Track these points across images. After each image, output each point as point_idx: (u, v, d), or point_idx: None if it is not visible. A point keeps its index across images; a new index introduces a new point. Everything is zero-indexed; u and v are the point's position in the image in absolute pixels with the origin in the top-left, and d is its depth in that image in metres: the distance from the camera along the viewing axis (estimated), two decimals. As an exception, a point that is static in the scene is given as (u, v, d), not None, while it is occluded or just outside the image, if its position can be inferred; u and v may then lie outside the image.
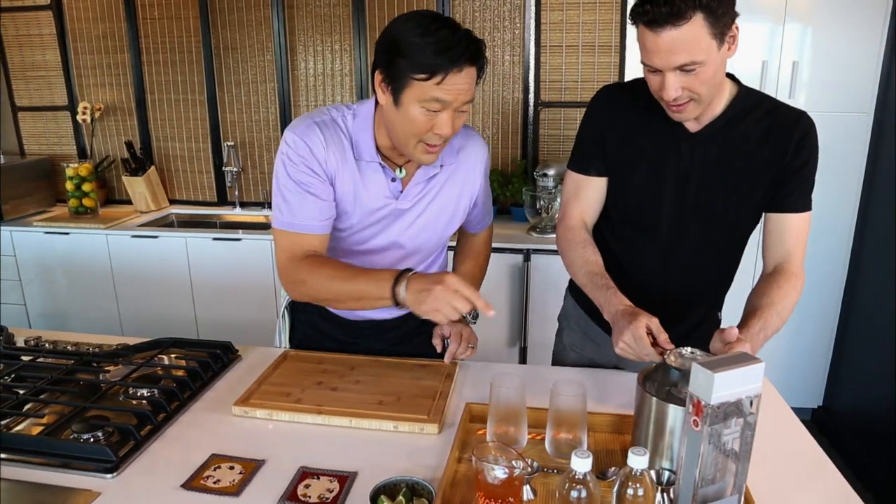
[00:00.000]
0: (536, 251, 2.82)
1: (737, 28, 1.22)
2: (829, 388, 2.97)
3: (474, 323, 1.33)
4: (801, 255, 1.38)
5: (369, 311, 1.54)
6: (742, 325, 1.25)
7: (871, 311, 2.71)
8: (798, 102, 2.65)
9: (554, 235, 2.88)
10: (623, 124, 1.42)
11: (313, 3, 3.23)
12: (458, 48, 1.18)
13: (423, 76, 1.18)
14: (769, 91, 2.65)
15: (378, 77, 1.26)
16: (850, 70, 2.64)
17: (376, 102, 1.34)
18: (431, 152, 1.30)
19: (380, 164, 1.36)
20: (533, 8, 3.06)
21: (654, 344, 1.17)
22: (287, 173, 1.34)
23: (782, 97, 2.65)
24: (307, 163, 1.33)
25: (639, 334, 1.16)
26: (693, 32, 1.15)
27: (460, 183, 1.48)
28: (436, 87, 1.19)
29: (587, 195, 1.48)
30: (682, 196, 1.39)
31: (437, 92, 1.19)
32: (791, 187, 1.34)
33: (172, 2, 3.36)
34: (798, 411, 1.41)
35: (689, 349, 1.13)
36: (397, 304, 1.23)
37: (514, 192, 3.17)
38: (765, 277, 1.38)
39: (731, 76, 1.36)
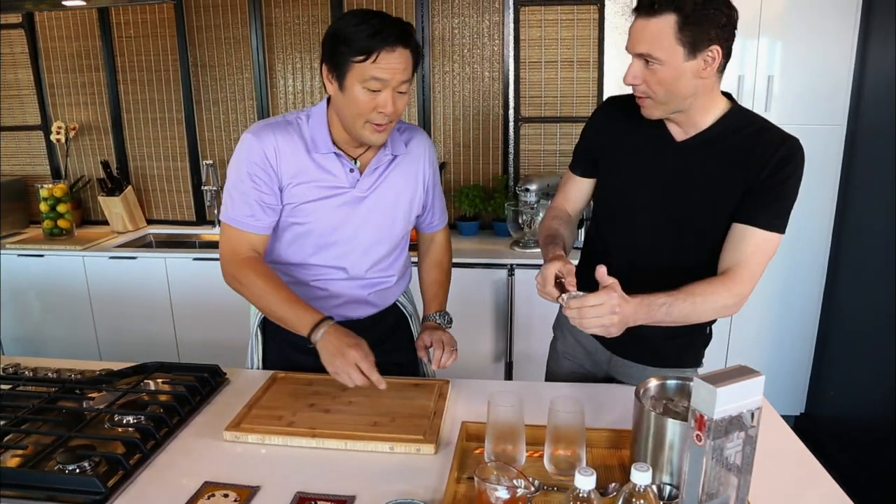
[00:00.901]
0: (520, 266, 2.82)
1: (719, 52, 1.26)
2: (810, 395, 3.01)
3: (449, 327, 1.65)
4: (754, 269, 1.35)
5: (344, 310, 1.61)
6: (654, 293, 1.28)
7: (850, 319, 2.75)
8: (773, 115, 2.71)
9: (537, 250, 2.90)
10: (617, 130, 1.50)
11: (292, 20, 3.23)
12: (388, 30, 1.32)
13: (360, 58, 1.32)
14: (746, 105, 2.70)
15: (325, 70, 1.40)
16: (822, 83, 2.70)
17: (328, 101, 1.48)
18: (379, 131, 1.41)
19: (335, 153, 1.47)
20: (511, 25, 3.08)
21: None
22: (238, 172, 1.47)
23: (758, 111, 2.69)
24: (259, 165, 1.44)
25: (545, 273, 1.27)
26: (658, 29, 1.24)
27: (412, 171, 1.60)
28: (373, 67, 1.32)
29: (569, 189, 1.63)
30: (661, 202, 1.43)
31: (374, 71, 1.32)
32: (761, 201, 1.35)
33: (149, 19, 3.32)
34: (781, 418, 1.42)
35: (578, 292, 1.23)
36: (309, 345, 1.39)
37: (496, 207, 3.18)
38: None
39: (728, 95, 1.41)
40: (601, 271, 1.22)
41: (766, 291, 2.90)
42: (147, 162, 3.53)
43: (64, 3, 2.92)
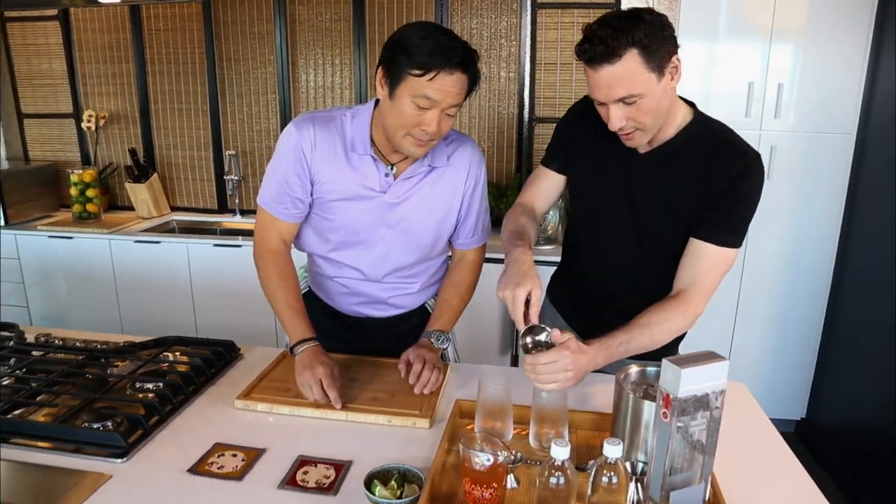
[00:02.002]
0: (528, 262, 2.89)
1: (678, 59, 1.28)
2: (812, 400, 3.05)
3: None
4: (708, 286, 1.38)
5: (365, 309, 1.66)
6: (612, 333, 1.31)
7: (853, 325, 2.79)
8: (783, 123, 2.76)
9: (545, 247, 2.98)
10: (587, 135, 1.50)
11: (315, 17, 3.33)
12: (453, 52, 1.30)
13: (418, 72, 1.29)
14: (755, 112, 2.77)
15: (380, 73, 1.37)
16: (833, 91, 2.73)
17: (376, 103, 1.47)
18: (419, 145, 1.40)
19: (372, 156, 1.47)
20: (529, 27, 3.16)
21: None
22: (277, 159, 1.51)
23: (768, 118, 2.76)
24: (294, 157, 1.47)
25: (517, 295, 1.24)
26: (628, 68, 1.23)
27: (451, 185, 1.55)
28: (427, 84, 1.30)
29: (540, 184, 1.61)
30: (625, 212, 1.46)
31: (428, 89, 1.30)
32: (717, 217, 1.36)
33: (177, 14, 3.45)
34: (782, 423, 1.45)
35: (543, 333, 1.24)
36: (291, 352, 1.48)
37: (508, 204, 3.25)
38: (665, 298, 1.39)
39: (691, 104, 1.43)
40: (555, 333, 1.24)
41: (771, 297, 2.95)
42: (172, 151, 3.66)
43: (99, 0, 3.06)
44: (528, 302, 1.25)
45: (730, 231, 1.37)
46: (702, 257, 1.37)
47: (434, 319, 1.62)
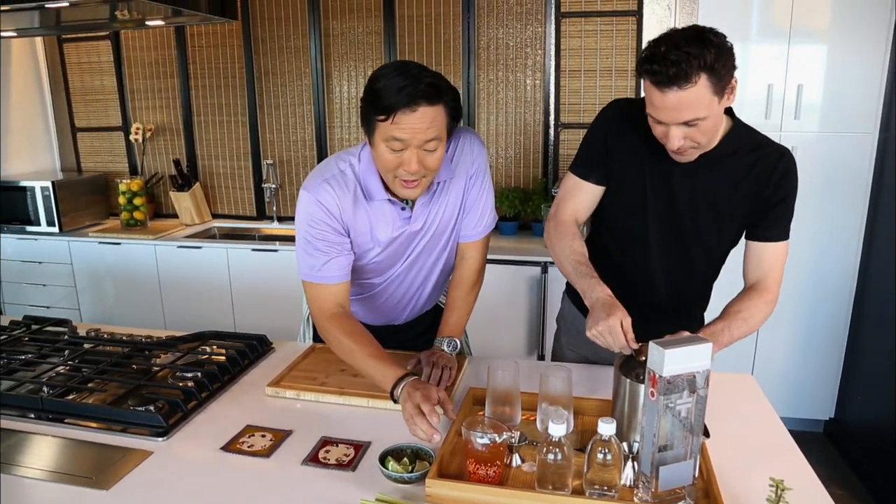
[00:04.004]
0: (553, 263, 2.97)
1: (735, 80, 1.30)
2: (840, 400, 3.03)
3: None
4: (778, 276, 1.50)
5: (387, 319, 1.73)
6: (710, 323, 1.43)
7: (880, 325, 2.77)
8: (803, 124, 2.78)
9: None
10: (628, 140, 1.49)
11: (348, 31, 3.47)
12: (411, 89, 1.28)
13: (381, 117, 1.31)
14: (775, 113, 2.80)
15: (362, 123, 1.41)
16: (854, 91, 2.73)
17: None
18: (409, 187, 1.40)
19: (388, 200, 1.49)
20: (553, 35, 3.24)
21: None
22: (307, 231, 1.48)
23: (788, 119, 2.78)
24: (323, 220, 1.46)
25: (616, 330, 1.27)
26: (698, 93, 1.23)
27: (459, 186, 1.57)
28: (392, 127, 1.31)
29: (581, 197, 1.57)
30: (668, 217, 1.51)
31: (394, 131, 1.31)
32: (770, 221, 1.46)
33: (219, 31, 3.64)
34: (810, 423, 1.49)
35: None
36: (394, 400, 1.36)
37: (534, 208, 3.34)
38: (743, 291, 1.53)
39: (727, 110, 1.44)
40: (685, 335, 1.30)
41: (796, 297, 2.96)
42: (214, 161, 3.85)
43: (147, 23, 3.26)
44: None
45: (783, 227, 1.48)
46: (766, 256, 1.49)
47: (443, 326, 1.66)
